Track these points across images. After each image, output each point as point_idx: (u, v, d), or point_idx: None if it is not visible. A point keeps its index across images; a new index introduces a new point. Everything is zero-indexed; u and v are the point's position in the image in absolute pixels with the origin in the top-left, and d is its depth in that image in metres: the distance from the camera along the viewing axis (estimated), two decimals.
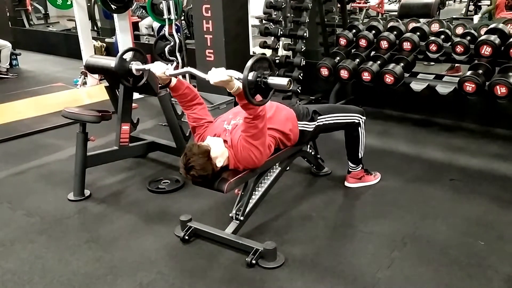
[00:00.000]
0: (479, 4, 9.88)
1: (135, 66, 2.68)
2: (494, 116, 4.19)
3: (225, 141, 2.46)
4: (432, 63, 5.68)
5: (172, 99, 4.37)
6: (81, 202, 3.14)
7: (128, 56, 2.90)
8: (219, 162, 2.39)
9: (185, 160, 2.33)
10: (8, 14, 10.81)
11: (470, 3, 9.95)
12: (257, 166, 2.49)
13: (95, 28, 9.89)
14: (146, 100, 5.29)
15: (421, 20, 5.49)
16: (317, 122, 2.83)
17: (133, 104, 5.19)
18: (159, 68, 2.51)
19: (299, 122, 2.74)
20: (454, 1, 13.18)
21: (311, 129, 2.82)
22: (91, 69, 3.44)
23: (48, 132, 4.55)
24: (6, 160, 3.92)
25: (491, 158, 3.60)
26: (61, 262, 2.50)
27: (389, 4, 10.20)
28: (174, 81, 2.56)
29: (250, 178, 2.61)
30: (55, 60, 8.37)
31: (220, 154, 2.39)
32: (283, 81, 2.09)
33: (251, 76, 2.10)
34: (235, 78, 2.18)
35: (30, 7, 11.20)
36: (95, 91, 5.83)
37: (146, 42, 8.16)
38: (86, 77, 6.16)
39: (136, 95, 4.77)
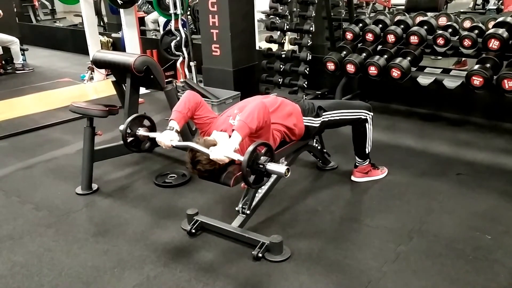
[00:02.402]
0: None
1: (142, 132, 2.68)
2: (501, 110, 4.16)
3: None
4: (439, 58, 5.64)
5: (178, 93, 4.38)
6: (89, 196, 3.17)
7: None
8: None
9: (191, 155, 2.34)
10: (15, 10, 10.88)
11: None
12: None
13: (102, 23, 9.91)
14: (152, 95, 5.31)
15: (428, 14, 5.47)
16: (323, 118, 2.83)
17: (140, 99, 5.24)
18: (165, 139, 2.44)
19: (304, 118, 2.74)
20: None
21: (317, 125, 2.81)
22: (98, 64, 3.46)
23: (55, 127, 4.58)
24: (15, 154, 3.95)
25: (499, 153, 3.58)
26: (69, 255, 2.52)
27: None
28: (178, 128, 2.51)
29: None
30: (62, 56, 8.40)
31: None
32: (281, 168, 2.16)
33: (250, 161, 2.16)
34: (234, 159, 2.24)
35: (37, 2, 11.25)
36: (102, 86, 5.85)
37: (154, 37, 8.16)
38: (93, 72, 6.18)
39: (142, 90, 4.80)
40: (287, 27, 4.68)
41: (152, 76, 3.24)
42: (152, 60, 3.28)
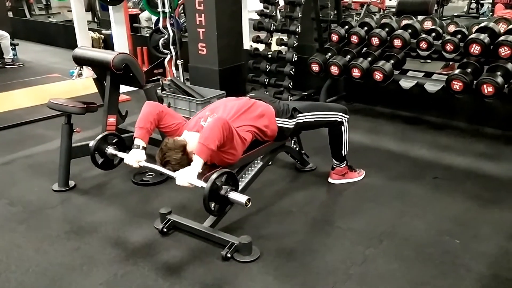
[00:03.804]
0: (481, 2, 9.81)
1: (111, 151, 2.68)
2: (484, 115, 4.17)
3: None
4: (428, 61, 5.66)
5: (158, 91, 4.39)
6: (65, 193, 3.17)
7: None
8: None
9: (161, 155, 2.35)
10: (10, 4, 10.90)
11: (472, 1, 9.88)
12: (233, 163, 2.51)
13: (96, 19, 9.92)
14: (139, 92, 5.25)
15: (420, 17, 5.47)
16: (297, 119, 2.83)
17: (126, 97, 5.24)
18: (132, 160, 2.47)
19: (278, 119, 2.74)
20: None
21: (291, 126, 2.82)
22: (79, 60, 3.46)
23: (39, 123, 4.58)
24: None
25: (477, 157, 3.59)
26: (39, 252, 2.52)
27: (390, 0, 10.13)
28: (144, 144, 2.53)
29: None
30: (54, 51, 8.39)
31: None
32: (242, 198, 2.19)
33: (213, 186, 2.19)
34: (197, 186, 2.24)
35: None
36: (90, 83, 5.76)
37: (148, 34, 8.14)
38: (82, 69, 6.17)
39: (129, 88, 4.79)
40: (274, 27, 4.69)
41: (131, 74, 3.24)
42: (131, 58, 3.28)
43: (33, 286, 2.26)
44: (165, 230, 2.66)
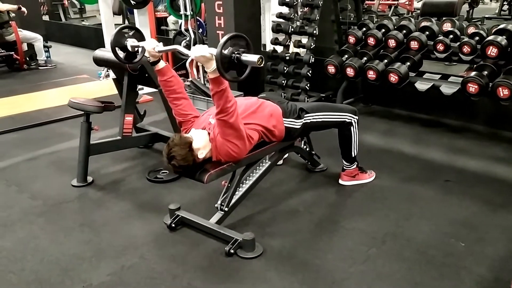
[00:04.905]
0: None
1: (131, 43, 2.77)
2: (502, 118, 4.09)
3: (209, 134, 2.54)
4: (453, 63, 5.58)
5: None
6: (83, 188, 3.31)
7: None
8: (201, 154, 2.47)
9: (167, 150, 2.43)
10: (47, 9, 11.36)
11: (504, 3, 9.63)
12: (238, 160, 2.57)
13: (128, 22, 10.18)
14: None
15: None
16: (304, 120, 2.87)
17: (149, 97, 5.39)
18: (150, 44, 2.58)
19: (285, 119, 2.78)
20: (491, 0, 12.76)
21: (298, 127, 2.85)
22: (98, 62, 3.61)
23: (65, 121, 4.77)
24: (23, 146, 4.15)
25: (492, 161, 3.53)
26: (53, 243, 2.66)
27: (417, 2, 9.98)
28: (162, 64, 2.62)
29: (233, 170, 2.68)
30: (85, 53, 8.66)
31: (202, 146, 2.47)
32: (254, 57, 2.20)
33: (226, 51, 2.19)
34: (213, 53, 2.23)
35: (67, 1, 11.68)
36: None
37: None
38: (109, 70, 6.37)
39: (152, 89, 4.93)
40: (292, 29, 4.73)
41: (146, 75, 3.35)
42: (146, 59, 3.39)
43: (46, 275, 2.39)
44: (173, 225, 2.74)
